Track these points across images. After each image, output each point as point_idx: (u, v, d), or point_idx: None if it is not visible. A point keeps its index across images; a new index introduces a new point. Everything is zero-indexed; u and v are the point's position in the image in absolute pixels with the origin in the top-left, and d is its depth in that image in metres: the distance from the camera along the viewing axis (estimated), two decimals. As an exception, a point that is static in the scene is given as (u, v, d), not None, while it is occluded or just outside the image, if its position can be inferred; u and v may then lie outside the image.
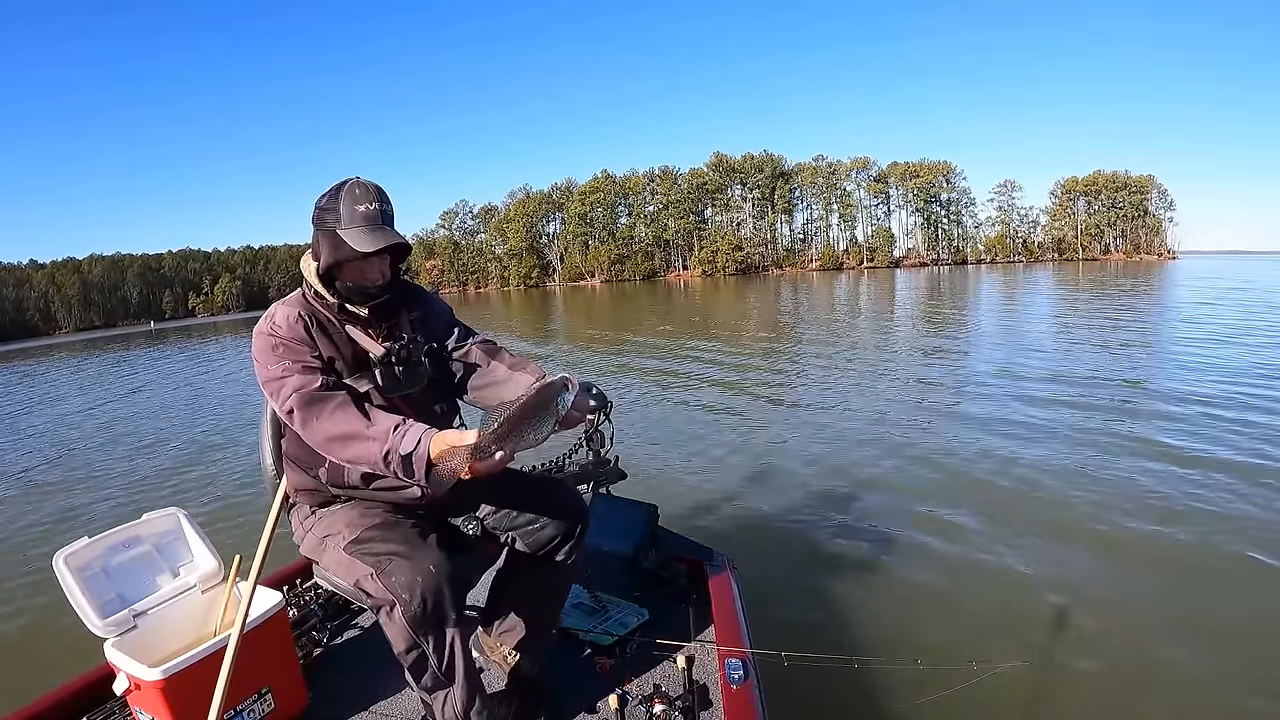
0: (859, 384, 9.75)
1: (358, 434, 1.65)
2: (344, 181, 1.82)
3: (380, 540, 1.77)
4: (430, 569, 1.68)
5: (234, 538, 5.03)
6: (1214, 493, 4.70)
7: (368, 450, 1.62)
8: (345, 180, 1.82)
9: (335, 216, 1.78)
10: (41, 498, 7.38)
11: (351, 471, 1.85)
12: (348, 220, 1.77)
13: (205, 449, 8.93)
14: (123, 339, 51.96)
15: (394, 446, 1.59)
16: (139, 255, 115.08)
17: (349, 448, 1.65)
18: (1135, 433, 6.27)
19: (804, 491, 5.29)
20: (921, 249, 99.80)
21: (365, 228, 1.77)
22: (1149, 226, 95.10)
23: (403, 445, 1.59)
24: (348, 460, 1.69)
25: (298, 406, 1.70)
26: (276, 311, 1.85)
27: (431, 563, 1.70)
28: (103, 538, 2.12)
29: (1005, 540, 4.21)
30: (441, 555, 1.73)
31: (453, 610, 1.69)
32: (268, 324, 1.82)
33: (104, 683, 1.96)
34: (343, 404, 1.71)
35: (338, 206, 1.78)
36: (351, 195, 1.78)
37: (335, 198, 1.79)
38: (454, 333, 2.01)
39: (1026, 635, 3.20)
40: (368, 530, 1.81)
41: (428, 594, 1.65)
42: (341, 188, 1.80)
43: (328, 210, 1.79)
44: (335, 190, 1.80)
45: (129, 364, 26.36)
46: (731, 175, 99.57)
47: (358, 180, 1.81)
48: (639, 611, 2.54)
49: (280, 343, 1.78)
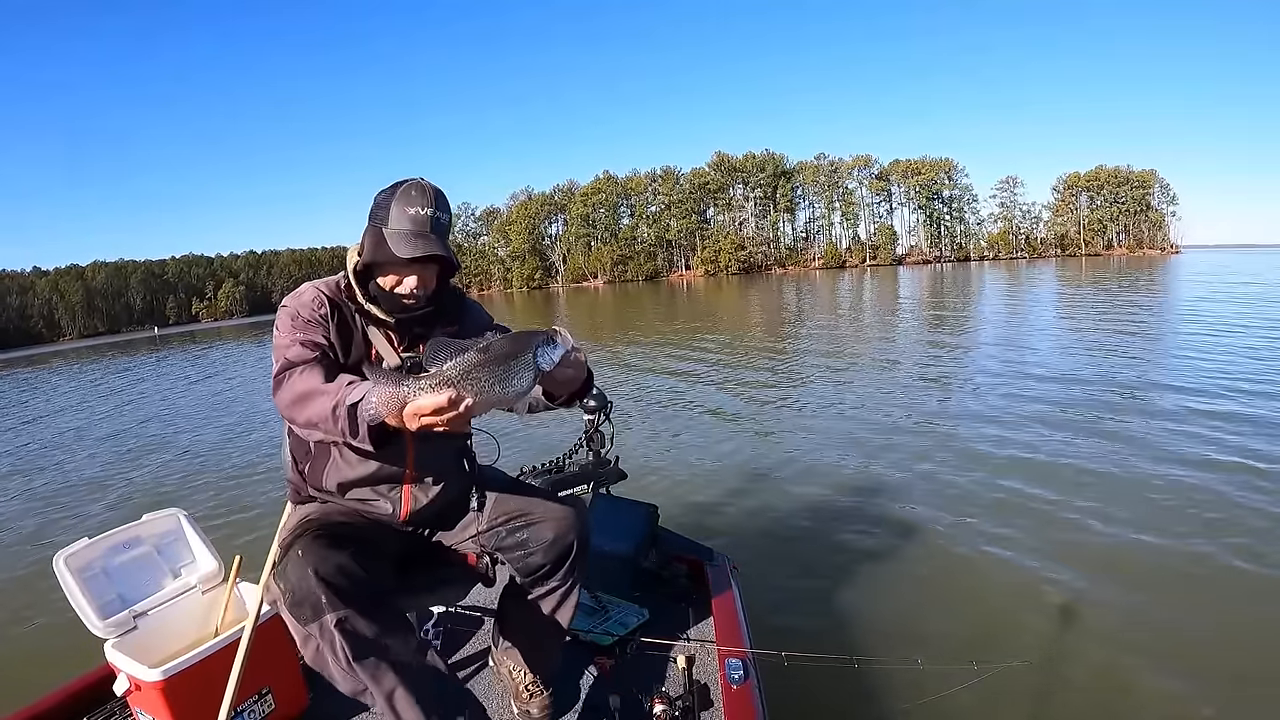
0: (860, 384, 9.74)
1: (314, 390, 1.54)
2: (406, 179, 1.72)
3: (296, 532, 1.69)
4: (299, 554, 1.59)
5: (234, 538, 5.05)
6: (1218, 494, 4.66)
7: (321, 407, 1.49)
8: (408, 178, 1.72)
9: (385, 214, 1.69)
10: (42, 499, 7.42)
11: (330, 474, 1.79)
12: (395, 220, 1.68)
13: (206, 450, 8.97)
14: (126, 345, 52.14)
15: (342, 398, 1.46)
16: (142, 261, 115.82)
17: (307, 407, 1.53)
18: (1138, 433, 6.23)
19: (804, 492, 5.28)
20: (924, 246, 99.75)
21: (410, 232, 1.66)
22: (1151, 221, 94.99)
23: (351, 394, 1.45)
24: (304, 424, 1.55)
25: (280, 370, 1.63)
26: (307, 289, 1.78)
27: (301, 549, 1.60)
28: (103, 538, 2.13)
29: (1006, 540, 4.20)
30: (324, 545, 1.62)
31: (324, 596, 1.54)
32: (295, 298, 1.76)
33: (104, 683, 1.97)
34: (313, 366, 1.62)
35: (390, 204, 1.69)
36: (406, 195, 1.68)
37: (391, 194, 1.70)
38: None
39: (1027, 635, 3.19)
40: (310, 526, 1.72)
41: (297, 584, 1.55)
42: (400, 185, 1.70)
43: (381, 206, 1.70)
44: (394, 186, 1.71)
45: (132, 370, 26.42)
46: (733, 174, 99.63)
47: (419, 181, 1.71)
48: (639, 611, 2.54)
49: (298, 316, 1.71)
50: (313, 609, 1.54)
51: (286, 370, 1.62)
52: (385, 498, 1.82)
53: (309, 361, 1.63)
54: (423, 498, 1.84)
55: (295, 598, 1.55)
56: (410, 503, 1.83)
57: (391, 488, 1.82)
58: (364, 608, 1.58)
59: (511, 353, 1.40)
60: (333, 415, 1.46)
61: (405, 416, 1.36)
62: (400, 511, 1.83)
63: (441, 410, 1.33)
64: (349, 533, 1.73)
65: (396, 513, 1.83)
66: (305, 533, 1.67)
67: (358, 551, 1.66)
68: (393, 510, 1.83)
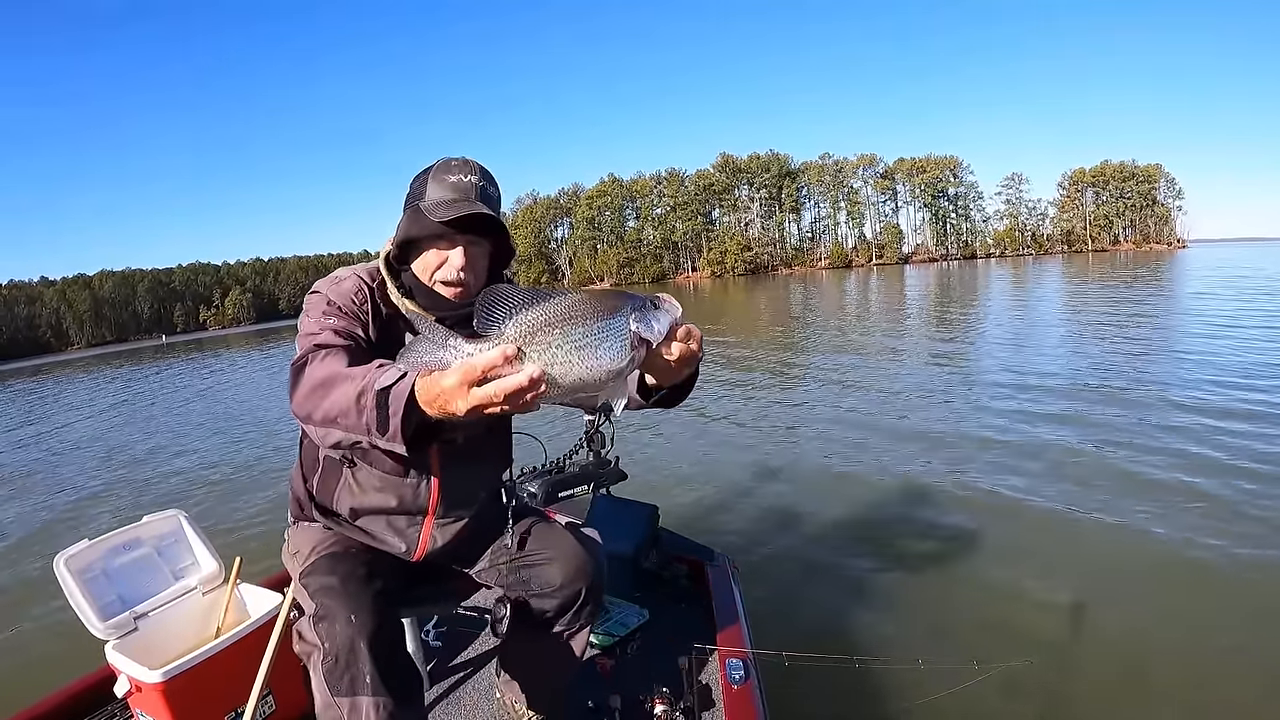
0: (863, 385, 9.69)
1: (337, 375, 1.22)
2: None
3: (326, 571, 1.49)
4: (351, 618, 1.39)
5: (235, 540, 5.06)
6: (1222, 495, 4.62)
7: (343, 396, 1.16)
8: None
9: (422, 189, 1.47)
10: (42, 500, 7.47)
11: (341, 496, 1.61)
12: (433, 192, 1.45)
13: (206, 451, 9.01)
14: (134, 354, 52.38)
15: (370, 381, 1.13)
16: (149, 270, 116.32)
17: (327, 395, 1.20)
18: (1141, 434, 6.18)
19: (805, 492, 5.27)
20: (930, 244, 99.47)
21: (452, 200, 1.43)
22: (1158, 216, 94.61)
23: (382, 377, 1.12)
24: (321, 421, 1.21)
25: (301, 356, 1.34)
26: (348, 277, 1.52)
27: (353, 611, 1.40)
28: (103, 540, 2.13)
29: (1006, 540, 4.18)
30: (370, 604, 1.42)
31: (369, 675, 1.37)
32: (332, 284, 1.51)
33: (105, 685, 1.97)
34: (342, 353, 1.33)
35: (426, 178, 1.47)
36: (445, 166, 1.47)
37: (426, 172, 1.49)
38: None
39: (1027, 635, 3.17)
40: (322, 556, 1.54)
41: (342, 647, 1.37)
42: (436, 163, 1.50)
43: (416, 184, 1.49)
44: (430, 166, 1.50)
45: (137, 378, 26.56)
46: (738, 175, 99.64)
47: (460, 157, 1.50)
48: (639, 612, 2.54)
49: (333, 304, 1.46)
50: (351, 683, 1.37)
51: (310, 354, 1.33)
52: (400, 535, 1.63)
53: (339, 348, 1.35)
54: (442, 538, 1.66)
55: (337, 665, 1.37)
56: (429, 543, 1.65)
57: (410, 523, 1.63)
58: (401, 693, 1.42)
59: (597, 311, 1.03)
60: (357, 405, 1.14)
61: (448, 391, 1.00)
62: (415, 552, 1.66)
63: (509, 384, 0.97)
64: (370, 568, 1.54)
65: (410, 552, 1.65)
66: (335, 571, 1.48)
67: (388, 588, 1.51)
68: (406, 549, 1.65)
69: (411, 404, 1.06)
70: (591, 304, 1.03)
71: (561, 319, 1.01)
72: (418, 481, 1.59)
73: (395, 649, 1.46)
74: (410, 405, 1.06)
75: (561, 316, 1.01)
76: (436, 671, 2.32)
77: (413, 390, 1.06)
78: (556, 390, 1.01)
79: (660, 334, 1.09)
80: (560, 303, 1.02)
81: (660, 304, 1.11)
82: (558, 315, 1.01)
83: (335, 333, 1.39)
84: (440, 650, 2.45)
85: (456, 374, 0.99)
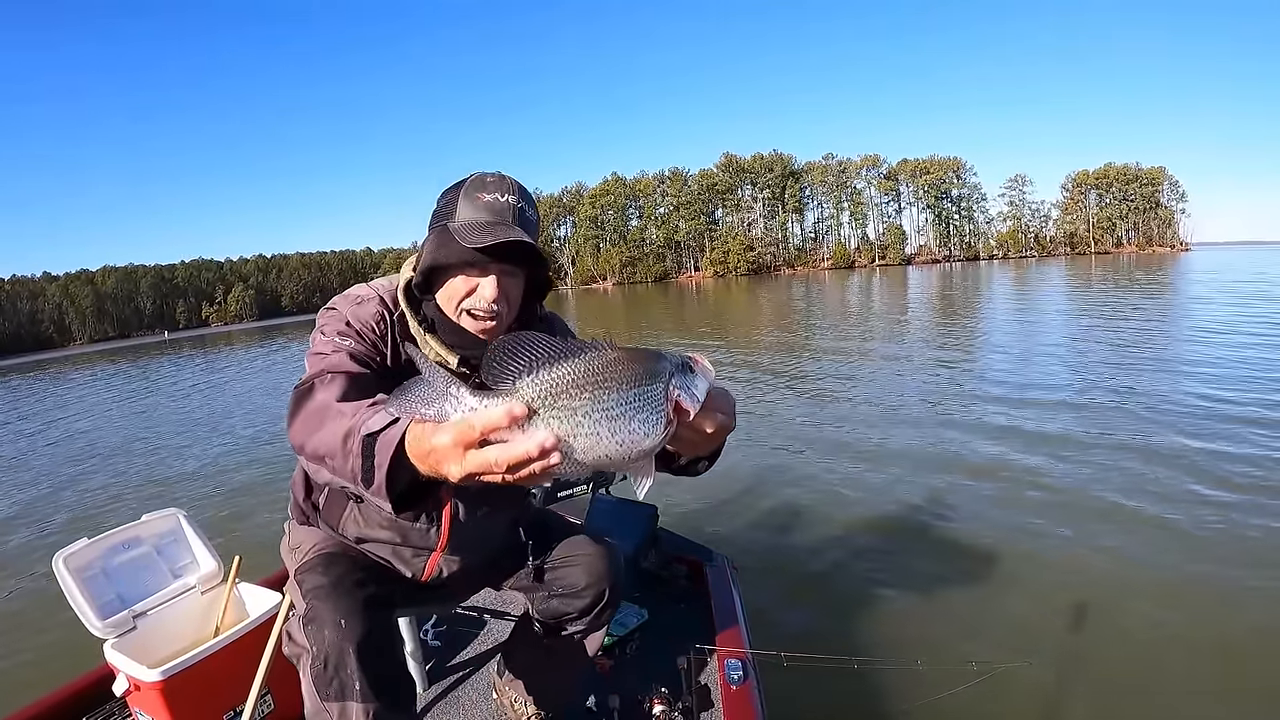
0: (864, 386, 9.68)
1: (330, 408, 1.10)
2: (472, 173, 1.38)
3: (320, 571, 1.43)
4: (340, 622, 1.33)
5: (234, 539, 5.06)
6: (1224, 495, 4.60)
7: (332, 433, 1.03)
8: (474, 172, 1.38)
9: (452, 208, 1.33)
10: (41, 499, 7.46)
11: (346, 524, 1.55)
12: (465, 212, 1.31)
13: (206, 451, 9.00)
14: (137, 350, 52.47)
15: (359, 424, 0.98)
16: (152, 266, 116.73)
17: (318, 430, 1.07)
18: (1143, 435, 6.16)
19: (805, 493, 5.25)
20: (933, 246, 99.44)
21: (487, 222, 1.29)
22: (1161, 218, 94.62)
23: (371, 421, 0.96)
24: (310, 456, 1.09)
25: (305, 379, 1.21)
26: (369, 299, 1.39)
27: (343, 615, 1.34)
28: (102, 538, 2.14)
29: (1006, 540, 4.16)
30: (361, 608, 1.36)
31: (357, 681, 1.31)
32: (351, 304, 1.38)
33: (104, 683, 1.97)
34: (349, 380, 1.20)
35: (458, 196, 1.33)
36: (479, 183, 1.33)
37: (458, 188, 1.35)
38: None
39: (1027, 635, 3.16)
40: (320, 555, 1.49)
41: (330, 652, 1.31)
42: (469, 177, 1.36)
43: (446, 202, 1.35)
44: (460, 181, 1.36)
45: (139, 374, 26.61)
46: (741, 175, 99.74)
47: (495, 172, 1.37)
48: (639, 612, 2.54)
49: (352, 327, 1.34)
50: (340, 689, 1.31)
51: (316, 377, 1.19)
52: (406, 564, 1.59)
53: (348, 374, 1.21)
54: (449, 569, 1.61)
55: (325, 670, 1.32)
56: (434, 571, 1.60)
57: (416, 554, 1.58)
58: (391, 699, 1.36)
59: (635, 375, 0.85)
60: (343, 447, 0.99)
61: (440, 450, 0.83)
62: (421, 577, 1.60)
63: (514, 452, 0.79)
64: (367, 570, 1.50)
65: (416, 578, 1.60)
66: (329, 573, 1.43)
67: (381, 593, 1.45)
68: (412, 576, 1.60)
69: (400, 456, 0.90)
70: (629, 365, 0.86)
71: (593, 381, 0.83)
72: (428, 525, 1.53)
73: (386, 654, 1.41)
74: (399, 457, 0.91)
75: (592, 377, 0.83)
76: (435, 671, 2.32)
77: (403, 440, 0.90)
78: (574, 465, 0.83)
79: (699, 403, 0.92)
80: (590, 360, 0.84)
81: (695, 366, 0.95)
82: (588, 375, 0.83)
83: (350, 356, 1.27)
84: (439, 650, 2.45)
85: (451, 432, 0.81)
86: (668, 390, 0.88)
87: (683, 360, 0.94)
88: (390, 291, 1.41)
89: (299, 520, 1.66)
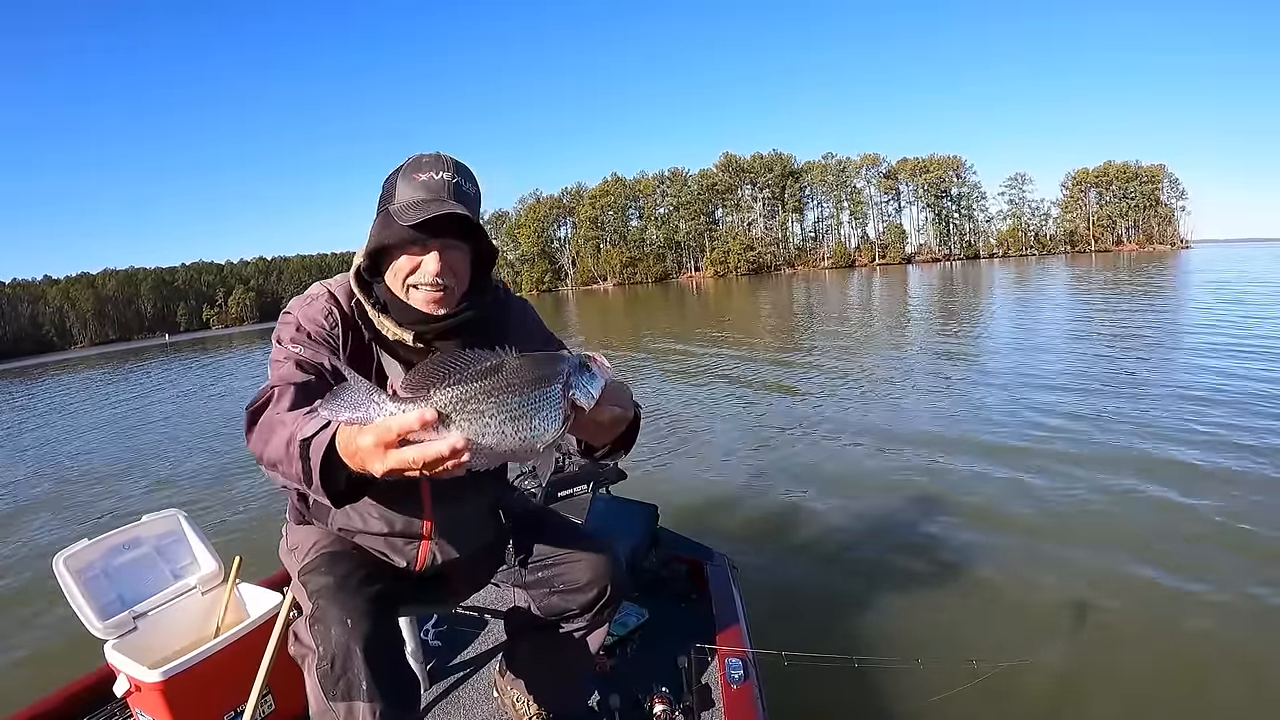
0: (864, 386, 9.67)
1: (275, 420, 1.20)
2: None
3: (325, 570, 1.45)
4: (347, 622, 1.35)
5: (234, 539, 5.06)
6: (1225, 496, 4.58)
7: (279, 441, 1.14)
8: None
9: (392, 191, 1.37)
10: (41, 500, 7.47)
11: (335, 518, 1.58)
12: (404, 193, 1.35)
13: (206, 451, 9.01)
14: (138, 352, 52.46)
15: (297, 430, 1.10)
16: (152, 269, 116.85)
17: (269, 441, 1.17)
18: (1144, 436, 6.14)
19: (805, 492, 5.25)
20: (933, 244, 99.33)
21: (423, 199, 1.33)
22: (1161, 216, 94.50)
23: (306, 428, 1.08)
24: (268, 465, 1.19)
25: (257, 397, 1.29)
26: (319, 296, 1.46)
27: (350, 615, 1.36)
28: (103, 539, 2.14)
29: (1007, 540, 4.16)
30: (367, 607, 1.38)
31: (365, 680, 1.33)
32: (301, 306, 1.45)
33: (104, 684, 1.98)
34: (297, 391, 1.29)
35: (396, 179, 1.37)
36: (415, 164, 1.37)
37: (397, 172, 1.39)
38: None
39: (1027, 635, 3.16)
40: (323, 554, 1.52)
41: (337, 652, 1.33)
42: (406, 161, 1.40)
43: (386, 187, 1.40)
44: (401, 164, 1.40)
45: (141, 376, 26.62)
46: (741, 175, 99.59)
47: (433, 152, 1.39)
48: (639, 611, 2.54)
49: (302, 330, 1.40)
50: (347, 688, 1.33)
51: (267, 395, 1.28)
52: (400, 553, 1.61)
53: (295, 384, 1.29)
54: (441, 555, 1.63)
55: (332, 669, 1.33)
56: (428, 559, 1.63)
57: (408, 543, 1.60)
58: (397, 698, 1.38)
59: (534, 379, 1.00)
60: (287, 452, 1.10)
61: (364, 450, 0.96)
62: (415, 566, 1.63)
63: (429, 451, 0.92)
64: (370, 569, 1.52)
65: (411, 568, 1.62)
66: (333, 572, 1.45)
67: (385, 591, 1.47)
68: (406, 565, 1.62)
69: (332, 456, 1.03)
70: (528, 370, 1.00)
71: (496, 387, 0.97)
72: (410, 509, 1.56)
73: (392, 653, 1.43)
74: (330, 457, 1.03)
75: (496, 384, 0.97)
76: (436, 671, 2.32)
77: (333, 442, 1.02)
78: (484, 459, 0.98)
79: (593, 399, 1.08)
80: (495, 368, 0.98)
81: (592, 365, 1.11)
82: (494, 383, 0.97)
83: (298, 365, 1.34)
84: (440, 650, 2.45)
85: (372, 434, 0.94)
86: (565, 390, 1.04)
87: (580, 361, 1.10)
88: (342, 286, 1.47)
89: (295, 520, 1.68)
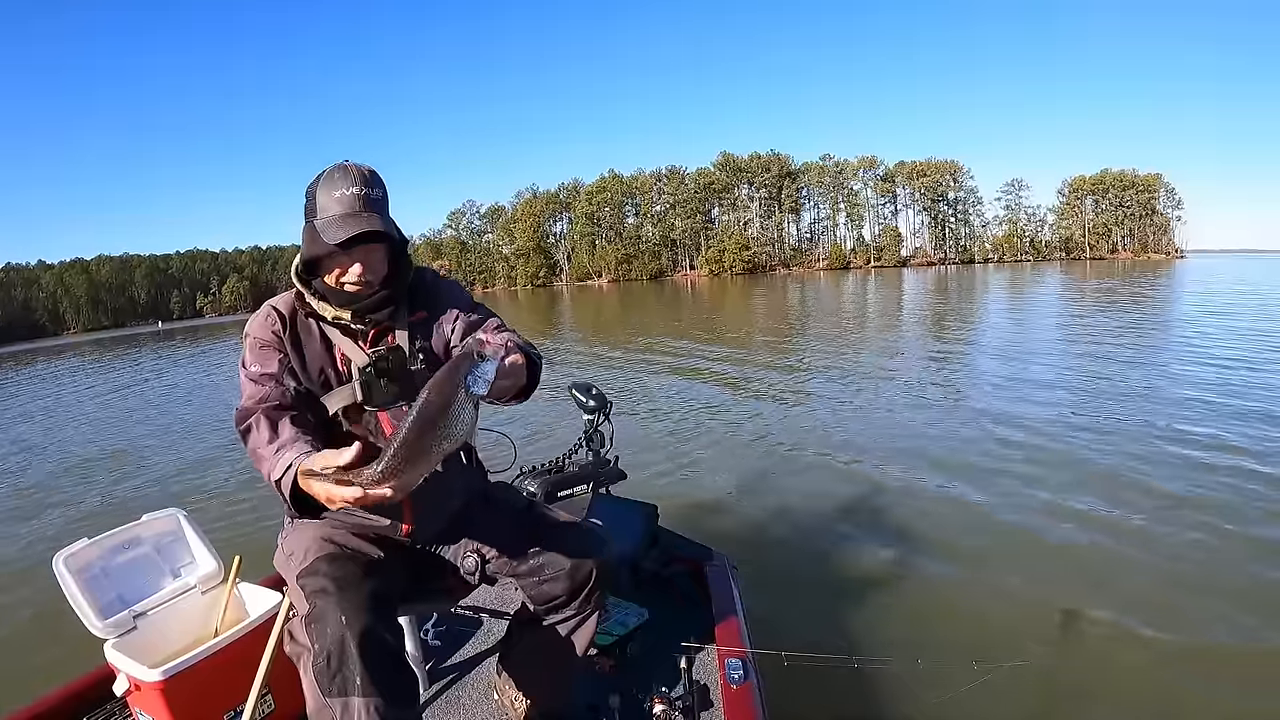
0: (862, 386, 9.70)
1: (258, 451, 1.45)
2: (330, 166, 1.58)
3: (321, 572, 1.53)
4: (343, 619, 1.42)
5: (234, 539, 5.04)
6: (1226, 497, 4.63)
7: (264, 471, 1.42)
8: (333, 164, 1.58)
9: (313, 204, 1.56)
10: (40, 499, 7.40)
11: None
12: (323, 208, 1.54)
13: (205, 450, 8.94)
14: (131, 339, 52.16)
15: (271, 469, 1.39)
16: (147, 256, 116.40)
17: (260, 467, 1.45)
18: (1144, 436, 6.19)
19: (805, 492, 5.27)
20: (929, 248, 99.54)
21: (340, 216, 1.52)
22: (1156, 225, 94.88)
23: (276, 469, 1.38)
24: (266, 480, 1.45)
25: (237, 422, 1.51)
26: (263, 308, 1.68)
27: (345, 612, 1.43)
28: (102, 539, 2.13)
29: (1007, 541, 4.19)
30: (363, 605, 1.46)
31: (359, 675, 1.39)
32: (253, 321, 1.66)
33: (104, 684, 1.97)
34: (265, 416, 1.49)
35: (316, 192, 1.56)
36: (330, 179, 1.55)
37: (315, 184, 1.57)
38: (460, 327, 1.71)
39: (1027, 635, 3.17)
40: (319, 557, 1.58)
41: (333, 648, 1.41)
42: (321, 175, 1.57)
43: (309, 198, 1.57)
44: (317, 177, 1.57)
45: (134, 368, 26.48)
46: (738, 175, 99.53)
47: (341, 164, 1.57)
48: (639, 611, 2.54)
49: (255, 342, 1.61)
50: (343, 684, 1.40)
51: (245, 419, 1.50)
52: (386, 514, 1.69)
53: (263, 406, 1.52)
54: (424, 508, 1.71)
55: (328, 666, 1.41)
56: (412, 518, 1.71)
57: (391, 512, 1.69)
58: (394, 693, 1.44)
59: (443, 405, 1.23)
60: (270, 481, 1.40)
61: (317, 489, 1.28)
62: (403, 528, 1.71)
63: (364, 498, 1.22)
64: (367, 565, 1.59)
65: (398, 530, 1.71)
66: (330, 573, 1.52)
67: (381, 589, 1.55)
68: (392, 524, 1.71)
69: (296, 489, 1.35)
70: (437, 395, 1.22)
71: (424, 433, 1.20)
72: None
73: (390, 650, 1.48)
74: (296, 490, 1.35)
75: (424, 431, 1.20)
76: (435, 671, 2.32)
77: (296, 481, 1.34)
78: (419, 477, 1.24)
79: (489, 384, 1.28)
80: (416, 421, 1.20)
81: (484, 351, 1.29)
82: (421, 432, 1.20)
83: (257, 381, 1.56)
84: (439, 649, 2.45)
85: (321, 492, 1.27)
86: (467, 392, 1.25)
87: (472, 352, 1.28)
88: (284, 295, 1.70)
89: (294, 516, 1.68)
